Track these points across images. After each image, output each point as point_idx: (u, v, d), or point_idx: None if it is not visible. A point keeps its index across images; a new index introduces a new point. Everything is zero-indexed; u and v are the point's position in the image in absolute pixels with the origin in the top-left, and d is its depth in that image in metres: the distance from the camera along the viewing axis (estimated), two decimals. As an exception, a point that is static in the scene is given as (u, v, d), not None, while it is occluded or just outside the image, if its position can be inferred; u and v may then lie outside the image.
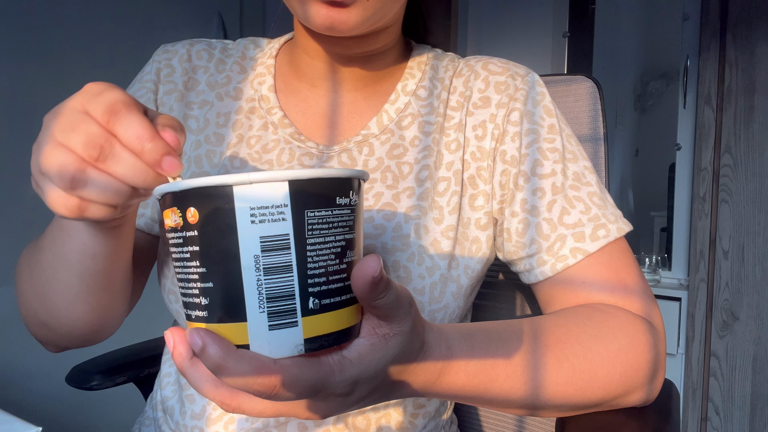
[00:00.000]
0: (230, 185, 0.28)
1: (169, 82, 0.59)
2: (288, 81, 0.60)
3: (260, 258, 0.29)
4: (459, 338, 0.41)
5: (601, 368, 0.47)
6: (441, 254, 0.53)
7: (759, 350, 1.72)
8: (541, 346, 0.45)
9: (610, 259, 0.53)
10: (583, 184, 0.55)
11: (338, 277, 0.31)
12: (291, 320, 0.30)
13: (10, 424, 0.40)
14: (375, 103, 0.58)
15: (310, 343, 0.30)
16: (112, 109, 0.33)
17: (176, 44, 0.61)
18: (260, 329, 0.29)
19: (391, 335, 0.34)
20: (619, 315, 0.50)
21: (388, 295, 0.32)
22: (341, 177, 0.31)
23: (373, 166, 0.55)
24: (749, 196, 1.74)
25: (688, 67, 1.88)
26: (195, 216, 0.29)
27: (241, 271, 0.29)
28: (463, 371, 0.40)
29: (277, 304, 0.29)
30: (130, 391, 0.87)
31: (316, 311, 0.30)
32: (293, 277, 0.29)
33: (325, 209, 0.30)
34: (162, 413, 0.60)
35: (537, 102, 0.57)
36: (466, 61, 0.61)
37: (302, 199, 0.29)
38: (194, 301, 0.31)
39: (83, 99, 0.34)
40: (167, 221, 0.31)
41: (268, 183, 0.29)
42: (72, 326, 0.52)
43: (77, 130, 0.33)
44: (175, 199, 0.30)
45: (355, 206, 0.32)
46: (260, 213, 0.29)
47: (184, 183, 0.29)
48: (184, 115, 0.58)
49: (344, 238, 0.31)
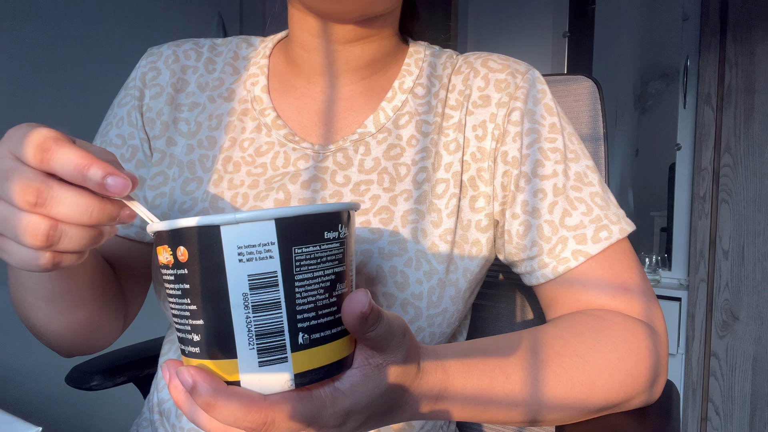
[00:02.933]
0: (218, 225, 0.29)
1: (155, 86, 0.58)
2: (284, 79, 0.59)
3: (249, 296, 0.29)
4: (455, 360, 0.41)
5: (599, 379, 0.46)
6: (439, 258, 0.52)
7: (759, 350, 1.72)
8: (539, 362, 0.45)
9: (612, 261, 0.52)
10: (585, 184, 0.54)
11: (328, 311, 0.31)
12: (281, 356, 0.30)
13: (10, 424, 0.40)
14: (372, 99, 0.57)
15: (300, 378, 0.30)
16: (41, 148, 0.31)
17: (161, 46, 0.60)
18: (250, 366, 0.30)
19: (384, 365, 0.34)
20: (618, 322, 0.49)
21: (379, 327, 0.32)
22: (329, 212, 0.31)
23: (370, 166, 0.54)
24: (749, 196, 1.73)
25: (688, 67, 1.88)
26: (185, 255, 0.30)
27: (230, 308, 0.29)
28: (461, 394, 0.40)
29: (266, 341, 0.30)
30: (130, 391, 0.87)
31: (306, 346, 0.30)
32: (282, 314, 0.30)
33: (312, 245, 0.30)
34: (159, 415, 0.60)
35: (538, 100, 0.56)
36: (464, 58, 0.60)
37: (289, 236, 0.29)
38: (187, 337, 0.31)
39: (9, 146, 0.32)
40: (160, 258, 0.32)
41: (254, 222, 0.29)
42: (58, 341, 0.52)
43: (11, 179, 0.31)
44: (165, 238, 0.30)
45: (344, 239, 0.32)
46: (248, 251, 0.29)
47: (173, 222, 0.30)
48: (174, 118, 0.58)
49: (333, 272, 0.32)
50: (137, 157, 0.58)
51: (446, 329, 0.54)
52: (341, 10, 0.51)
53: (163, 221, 0.31)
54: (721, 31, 1.75)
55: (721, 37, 1.75)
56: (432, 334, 0.53)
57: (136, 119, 0.58)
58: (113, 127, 0.58)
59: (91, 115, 1.48)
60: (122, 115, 0.58)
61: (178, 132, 0.57)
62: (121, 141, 0.58)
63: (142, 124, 0.58)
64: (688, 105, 1.90)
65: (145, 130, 0.58)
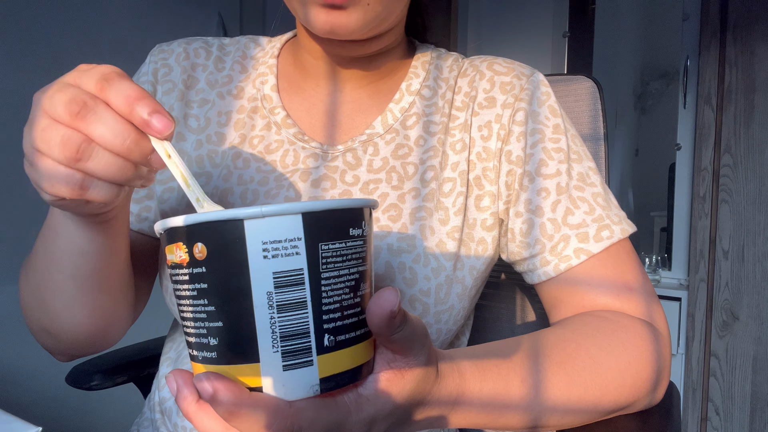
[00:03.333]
0: (241, 219, 0.27)
1: (167, 82, 0.58)
2: (292, 80, 0.60)
3: (273, 295, 0.28)
4: (470, 364, 0.40)
5: (612, 382, 0.46)
6: (446, 255, 0.53)
7: (759, 350, 1.72)
8: (553, 364, 0.44)
9: (613, 260, 0.52)
10: (587, 184, 0.55)
11: (353, 311, 0.30)
12: (306, 359, 0.28)
13: (10, 424, 0.40)
14: (379, 102, 0.58)
15: (326, 383, 0.29)
16: (104, 78, 0.32)
17: (172, 43, 0.61)
18: (274, 370, 0.28)
19: (407, 369, 0.33)
20: (625, 325, 0.49)
21: (405, 329, 0.31)
22: (354, 207, 0.30)
23: (378, 166, 0.55)
24: (749, 196, 1.74)
25: (688, 67, 1.88)
26: (203, 252, 0.28)
27: (254, 309, 0.28)
28: (477, 398, 0.40)
29: (291, 343, 0.28)
30: (130, 391, 0.87)
31: (332, 348, 0.29)
32: (308, 314, 0.28)
33: (339, 241, 0.29)
34: (160, 414, 0.60)
35: (542, 102, 0.56)
36: (470, 61, 0.60)
37: (316, 232, 0.28)
38: (202, 342, 0.29)
39: (75, 74, 0.34)
40: (170, 257, 0.30)
41: (281, 216, 0.27)
42: (73, 332, 0.51)
43: (64, 93, 0.32)
44: (180, 234, 0.29)
45: (366, 236, 0.31)
46: (273, 247, 0.27)
47: (191, 217, 0.28)
48: (184, 114, 0.58)
49: (358, 271, 0.31)
50: None
51: (452, 326, 0.54)
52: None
53: (178, 216, 0.29)
54: (721, 31, 1.75)
55: (721, 37, 1.75)
56: (438, 331, 0.53)
57: None
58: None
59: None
60: None
61: (187, 128, 0.58)
62: None
63: None
64: (688, 105, 1.90)
65: None
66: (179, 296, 0.30)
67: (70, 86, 0.33)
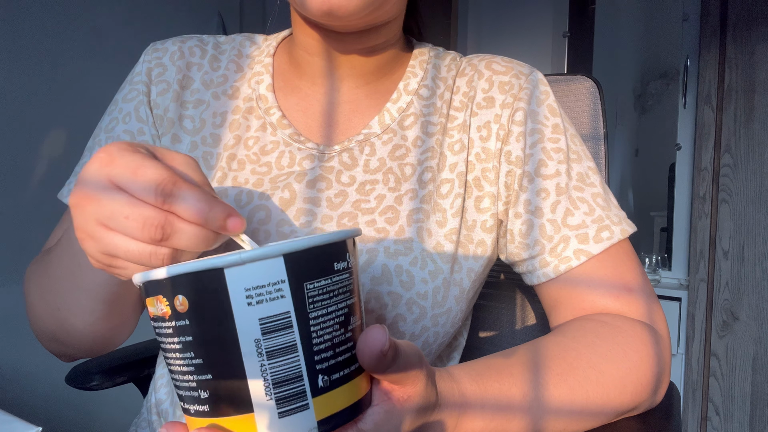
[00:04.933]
0: (221, 268, 0.26)
1: (161, 82, 0.58)
2: (288, 79, 0.59)
3: (262, 341, 0.27)
4: (470, 382, 0.40)
5: (613, 389, 0.46)
6: (444, 258, 0.52)
7: (759, 350, 1.72)
8: (554, 376, 0.44)
9: (613, 261, 0.52)
10: (587, 185, 0.54)
11: (345, 347, 0.29)
12: (301, 404, 0.28)
13: (10, 424, 0.40)
14: (376, 101, 0.57)
15: (324, 425, 0.28)
16: (162, 192, 0.31)
17: (166, 42, 0.59)
18: (269, 418, 0.27)
19: (405, 398, 0.32)
20: (626, 329, 0.49)
21: (399, 362, 0.30)
22: (337, 241, 0.29)
23: (375, 166, 0.54)
24: (749, 196, 1.73)
25: (688, 67, 1.88)
26: (184, 304, 0.27)
27: (242, 358, 0.27)
28: (479, 416, 0.40)
29: (284, 389, 0.27)
30: (130, 391, 0.87)
31: (327, 389, 0.28)
32: (299, 357, 0.27)
33: (324, 278, 0.28)
34: (156, 416, 0.60)
35: (541, 101, 0.56)
36: (468, 60, 0.60)
37: (300, 272, 0.27)
38: (192, 395, 0.28)
39: (110, 173, 0.32)
40: (152, 309, 0.29)
41: (261, 261, 0.26)
42: (89, 342, 0.52)
43: (130, 216, 0.31)
44: (159, 287, 0.28)
45: (352, 268, 0.30)
46: (257, 293, 0.27)
47: (168, 270, 0.27)
48: (179, 116, 0.57)
49: (346, 305, 0.30)
50: None
51: (450, 329, 0.54)
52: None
53: (154, 269, 0.28)
54: (721, 31, 1.75)
55: (721, 37, 1.75)
56: (436, 334, 0.53)
57: (147, 115, 0.57)
58: (119, 123, 0.58)
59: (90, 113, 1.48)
60: (129, 111, 0.57)
61: (183, 129, 0.57)
62: (130, 137, 0.57)
63: (153, 120, 0.57)
64: (688, 105, 1.90)
65: (155, 126, 0.57)
66: (165, 349, 0.29)
67: (126, 201, 0.32)
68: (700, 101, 1.80)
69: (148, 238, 0.31)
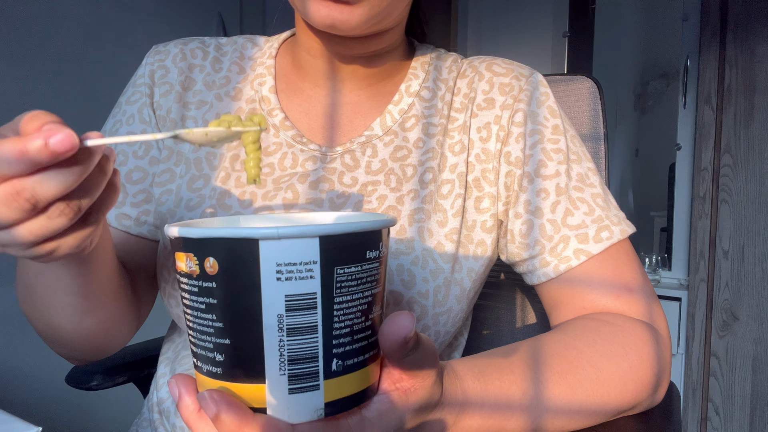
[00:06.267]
0: (256, 239, 0.26)
1: (164, 84, 0.58)
2: (290, 80, 0.59)
3: (284, 318, 0.27)
4: (473, 379, 0.40)
5: (613, 388, 0.46)
6: (445, 257, 0.52)
7: (759, 350, 1.72)
8: (554, 374, 0.44)
9: (613, 261, 0.52)
10: (586, 185, 0.54)
11: (363, 335, 0.29)
12: (313, 383, 0.28)
13: (10, 424, 0.40)
14: (378, 103, 0.58)
15: (330, 407, 0.29)
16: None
17: (168, 44, 0.60)
18: (279, 392, 0.28)
19: (413, 390, 0.32)
20: (626, 328, 0.49)
21: (416, 353, 0.30)
22: (373, 230, 0.29)
23: (377, 168, 0.55)
24: (749, 196, 1.73)
25: (688, 67, 1.88)
26: (214, 267, 0.27)
27: (263, 330, 0.27)
28: (478, 413, 0.40)
29: (299, 367, 0.28)
30: (130, 391, 0.87)
31: (339, 373, 0.28)
32: (318, 339, 0.28)
33: (355, 265, 0.28)
34: (158, 415, 0.60)
35: (541, 102, 0.56)
36: (469, 62, 0.60)
37: (332, 256, 0.27)
38: (207, 355, 0.29)
39: None
40: (180, 264, 0.29)
41: (297, 239, 0.26)
42: (83, 342, 0.52)
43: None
44: (191, 245, 0.28)
45: (382, 258, 0.30)
46: (287, 270, 0.27)
47: (204, 231, 0.27)
48: (182, 116, 0.57)
49: (371, 294, 0.30)
50: (151, 154, 0.58)
51: (450, 328, 0.54)
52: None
53: (193, 227, 0.28)
54: (721, 31, 1.75)
55: (721, 37, 1.75)
56: (437, 333, 0.53)
57: (150, 116, 0.58)
58: (123, 125, 0.58)
59: (91, 113, 1.48)
60: (132, 113, 0.58)
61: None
62: None
63: (156, 121, 0.58)
64: (688, 105, 1.90)
65: (158, 127, 0.58)
66: (186, 305, 0.29)
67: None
68: (700, 101, 1.80)
69: (22, 212, 0.29)
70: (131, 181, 0.57)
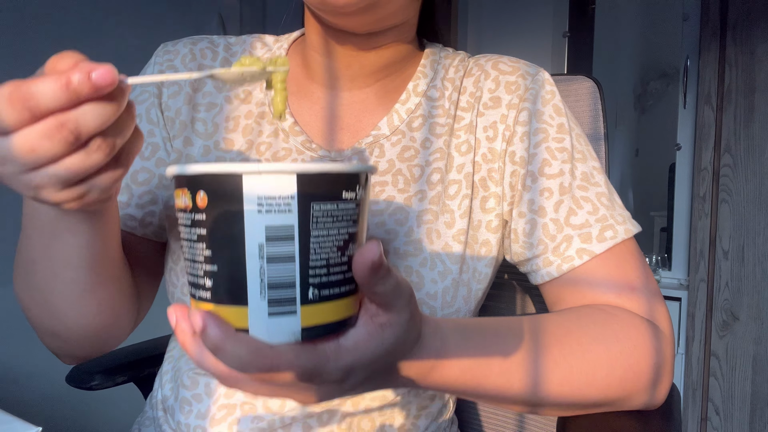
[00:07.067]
0: (240, 174, 0.29)
1: (173, 84, 0.58)
2: (299, 82, 0.59)
3: (264, 247, 0.30)
4: (454, 332, 0.41)
5: (600, 370, 0.46)
6: (453, 258, 0.53)
7: (759, 350, 1.72)
8: (539, 345, 0.45)
9: (617, 261, 0.52)
10: (591, 184, 0.54)
11: (339, 269, 0.32)
12: (290, 309, 0.30)
13: (10, 424, 0.40)
14: (386, 101, 0.58)
15: (307, 332, 0.31)
16: (22, 106, 0.29)
17: (177, 43, 0.60)
18: (260, 315, 0.30)
19: (389, 325, 0.34)
20: (623, 317, 0.49)
21: (388, 282, 0.32)
22: (348, 172, 0.31)
23: (384, 168, 0.55)
24: (749, 196, 1.73)
25: (688, 67, 1.88)
26: (204, 200, 0.30)
27: (245, 258, 0.30)
28: (456, 365, 0.41)
29: (277, 293, 0.30)
30: (130, 391, 0.87)
31: (315, 301, 0.31)
32: (295, 267, 0.30)
33: (330, 203, 0.31)
34: (163, 412, 0.60)
35: (546, 101, 0.56)
36: (475, 60, 0.60)
37: (309, 193, 0.30)
38: (198, 282, 0.32)
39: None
40: (177, 201, 0.32)
41: (276, 174, 0.29)
42: (80, 331, 0.51)
43: (34, 148, 0.30)
44: (186, 182, 0.31)
45: (360, 200, 0.33)
46: (267, 203, 0.29)
47: (195, 167, 0.30)
48: (192, 118, 0.57)
49: (348, 232, 0.32)
50: (158, 155, 0.57)
51: None
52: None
53: (187, 165, 0.31)
54: (721, 31, 1.75)
55: (721, 37, 1.75)
56: None
57: (157, 117, 0.57)
58: None
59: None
60: (140, 112, 0.58)
61: (195, 132, 0.57)
62: None
63: (163, 123, 0.57)
64: (688, 105, 1.90)
65: (166, 128, 0.57)
66: (183, 238, 0.33)
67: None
68: (700, 101, 1.80)
69: (65, 145, 0.31)
70: (137, 182, 0.57)
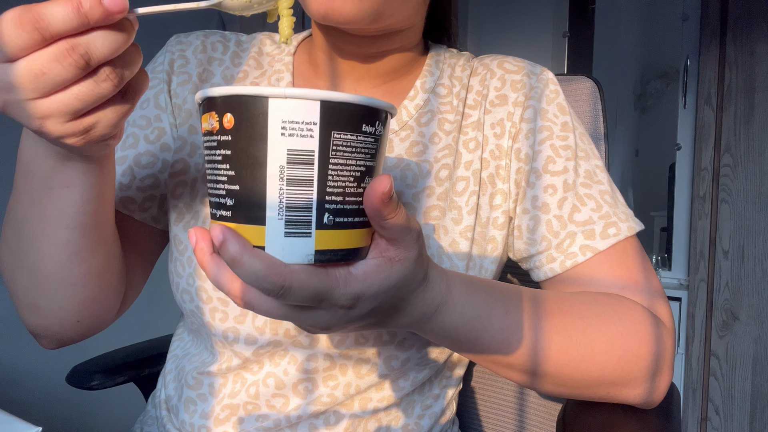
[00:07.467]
0: (266, 96, 0.30)
1: (183, 73, 0.58)
2: (307, 78, 0.60)
3: (285, 169, 0.31)
4: (460, 282, 0.42)
5: (599, 346, 0.47)
6: (459, 255, 0.53)
7: (759, 350, 1.72)
8: (540, 311, 0.46)
9: (620, 258, 0.52)
10: (594, 182, 0.55)
11: (354, 199, 0.33)
12: (305, 231, 0.32)
13: (10, 424, 0.40)
14: (393, 99, 0.58)
15: (320, 255, 0.32)
16: (33, 28, 0.29)
17: (190, 35, 0.60)
18: (276, 234, 0.32)
19: (397, 260, 0.35)
20: (627, 303, 0.50)
21: (397, 216, 0.33)
22: (370, 106, 0.32)
23: (393, 163, 0.55)
24: (749, 196, 1.73)
25: (688, 67, 1.88)
26: (231, 122, 0.31)
27: (266, 178, 0.31)
28: (459, 312, 0.42)
29: (294, 214, 0.32)
30: (130, 391, 0.87)
31: (330, 227, 0.32)
32: (313, 192, 0.31)
33: (350, 133, 0.32)
34: (166, 412, 0.60)
35: (551, 100, 0.57)
36: (480, 60, 0.61)
37: (331, 120, 0.31)
38: (220, 201, 0.33)
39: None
40: (204, 125, 0.34)
41: (300, 100, 0.30)
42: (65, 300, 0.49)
43: (45, 70, 0.30)
44: (214, 104, 0.32)
45: (379, 136, 0.34)
46: (290, 127, 0.31)
47: (224, 89, 0.31)
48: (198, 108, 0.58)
49: (365, 164, 0.33)
50: (163, 140, 0.57)
51: None
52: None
53: (215, 88, 0.32)
54: (721, 31, 1.75)
55: (721, 37, 1.75)
56: None
57: (166, 103, 0.58)
58: (137, 109, 0.58)
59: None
60: (148, 97, 0.58)
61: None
62: (146, 122, 0.57)
63: (171, 108, 0.58)
64: (688, 105, 1.90)
65: (174, 114, 0.58)
66: (208, 160, 0.34)
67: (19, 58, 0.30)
68: (700, 101, 1.80)
69: (75, 69, 0.31)
70: (140, 165, 0.56)
